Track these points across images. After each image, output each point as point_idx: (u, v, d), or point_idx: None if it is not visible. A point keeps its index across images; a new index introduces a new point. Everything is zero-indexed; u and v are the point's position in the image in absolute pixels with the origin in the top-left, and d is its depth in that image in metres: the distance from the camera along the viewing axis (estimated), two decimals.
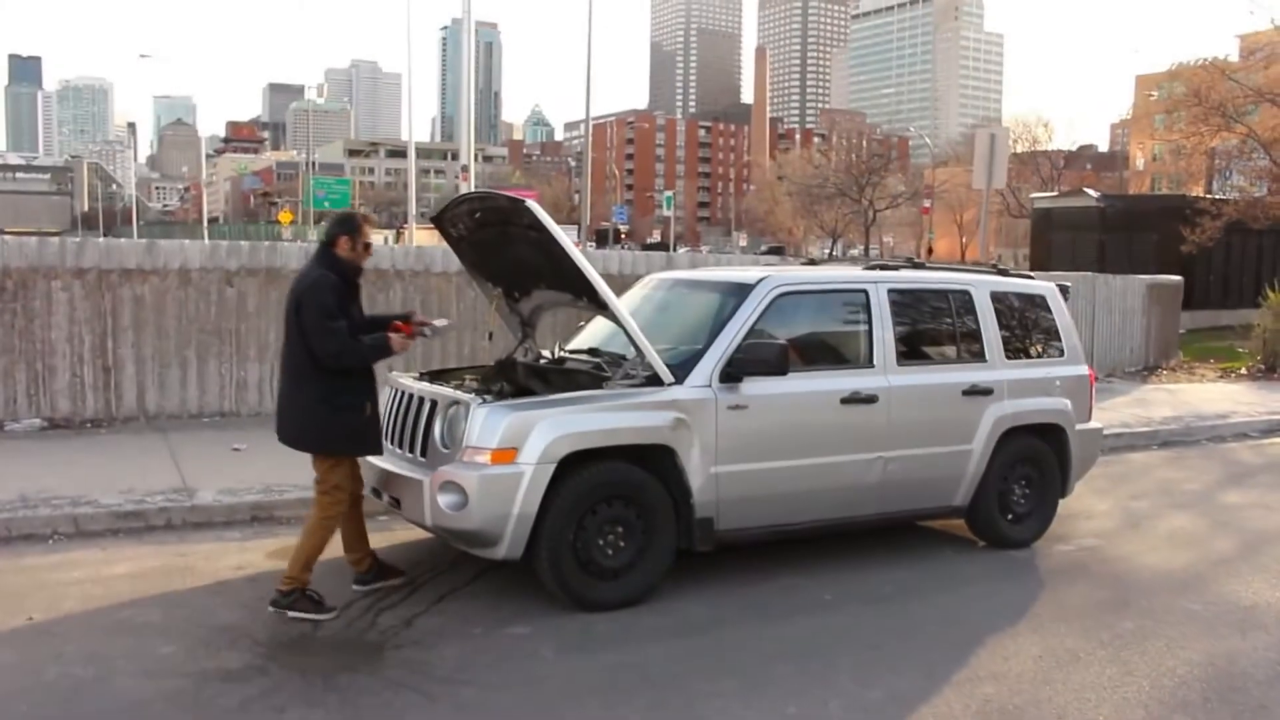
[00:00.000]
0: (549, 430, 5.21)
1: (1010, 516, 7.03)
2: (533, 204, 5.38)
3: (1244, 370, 17.32)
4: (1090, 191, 34.55)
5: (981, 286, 7.06)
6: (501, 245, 6.02)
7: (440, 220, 6.43)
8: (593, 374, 5.82)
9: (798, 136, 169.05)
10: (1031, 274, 7.73)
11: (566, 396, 5.43)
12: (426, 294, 10.21)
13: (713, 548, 5.79)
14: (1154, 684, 4.79)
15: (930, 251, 73.71)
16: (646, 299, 6.84)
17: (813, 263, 7.77)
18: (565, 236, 5.42)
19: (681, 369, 5.71)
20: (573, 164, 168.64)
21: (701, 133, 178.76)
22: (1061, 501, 7.33)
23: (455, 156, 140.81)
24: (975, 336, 6.92)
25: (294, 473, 7.59)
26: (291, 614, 5.17)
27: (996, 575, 6.46)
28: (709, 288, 6.55)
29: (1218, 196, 27.44)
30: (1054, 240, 29.14)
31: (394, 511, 5.69)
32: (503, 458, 5.15)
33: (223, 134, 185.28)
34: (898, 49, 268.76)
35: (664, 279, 6.97)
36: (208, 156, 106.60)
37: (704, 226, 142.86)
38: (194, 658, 4.67)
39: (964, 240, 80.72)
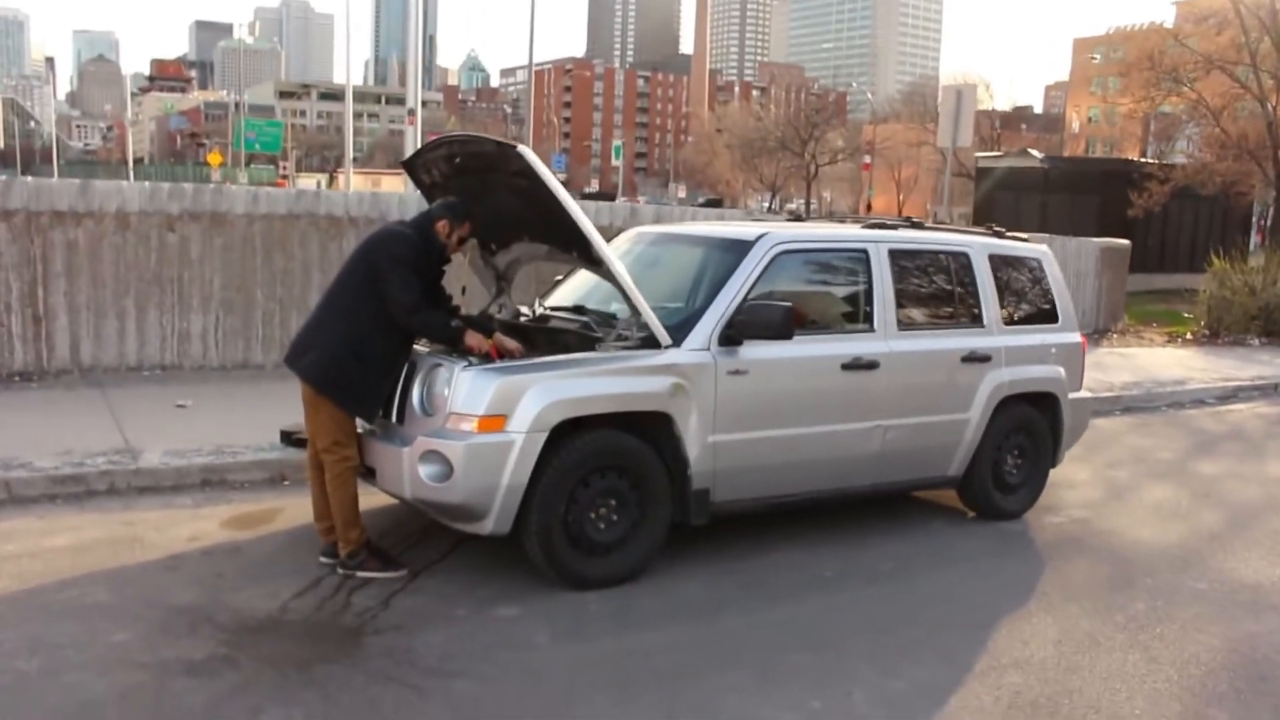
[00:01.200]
0: (541, 396, 4.79)
1: (1002, 487, 6.79)
2: (525, 149, 4.91)
3: (1189, 335, 17.40)
4: (1034, 153, 34.59)
5: (979, 249, 6.75)
6: (481, 193, 5.53)
7: (413, 165, 5.92)
8: (582, 334, 5.39)
9: (736, 89, 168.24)
10: (1024, 236, 7.45)
11: (558, 359, 5.00)
12: None
13: (708, 520, 5.44)
14: (1181, 673, 4.55)
15: (869, 208, 73.89)
16: (630, 254, 6.40)
17: (798, 218, 7.39)
18: (560, 186, 4.97)
19: (678, 331, 5.31)
20: (509, 110, 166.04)
21: (640, 83, 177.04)
22: None
23: (390, 100, 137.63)
24: (973, 301, 6.62)
25: (245, 432, 7.12)
26: (361, 574, 4.98)
27: (995, 550, 6.21)
28: (703, 244, 6.14)
29: (1164, 162, 27.57)
30: (997, 200, 29.16)
31: (367, 481, 5.22)
32: (491, 425, 4.72)
33: (147, 72, 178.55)
34: (838, 3, 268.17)
35: (650, 233, 6.53)
36: (132, 95, 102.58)
37: (641, 177, 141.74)
38: (151, 646, 4.19)
39: (901, 197, 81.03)
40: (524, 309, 6.19)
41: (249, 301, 9.30)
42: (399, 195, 10.45)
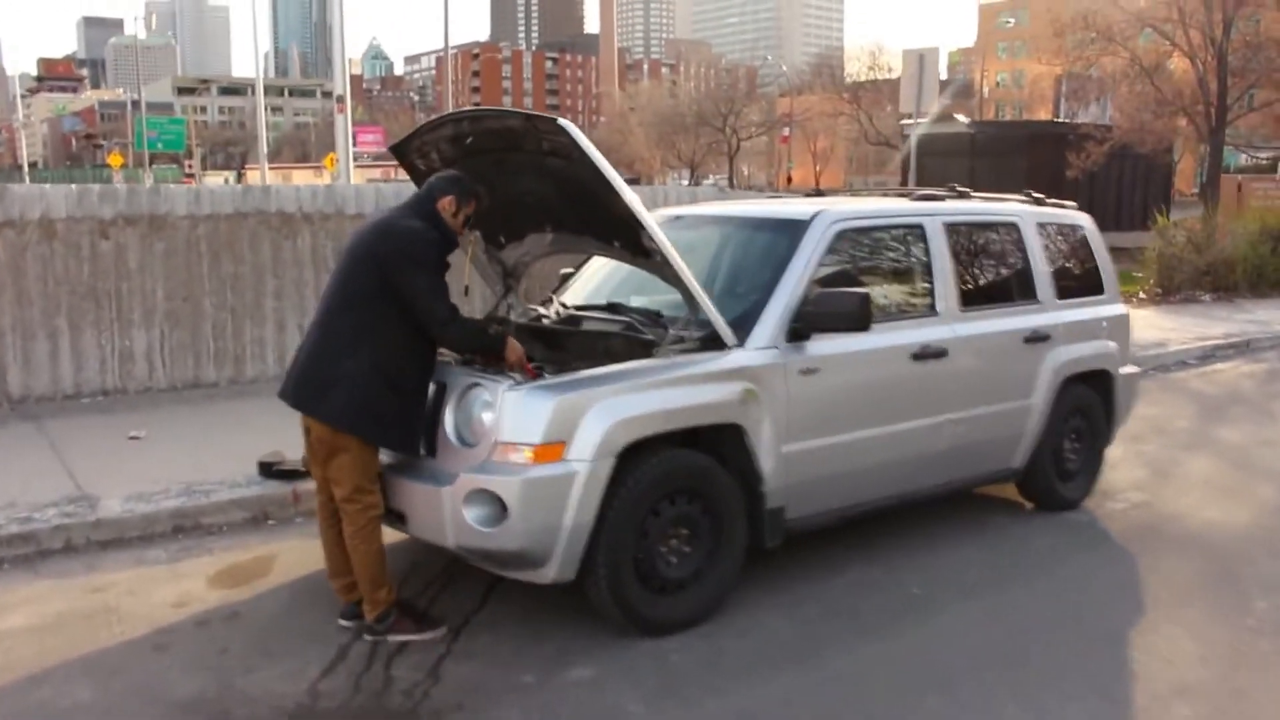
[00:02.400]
0: (605, 415, 4.03)
1: (1062, 475, 6.24)
2: (566, 123, 4.12)
3: (1142, 294, 17.21)
4: (961, 118, 34.61)
5: (1028, 218, 6.17)
6: (496, 178, 4.74)
7: (405, 149, 5.08)
8: (629, 337, 4.64)
9: (645, 67, 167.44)
10: (1065, 202, 6.88)
11: (617, 370, 4.24)
12: (340, 240, 8.71)
13: (781, 541, 4.76)
14: None
15: (790, 181, 73.81)
16: None
17: (820, 193, 6.71)
18: (609, 165, 4.20)
19: (738, 327, 4.60)
20: (415, 99, 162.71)
21: (549, 64, 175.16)
22: None
23: (294, 93, 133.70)
24: (1027, 275, 6.03)
25: (213, 464, 6.25)
26: (393, 638, 4.19)
27: (1075, 547, 5.64)
28: (749, 226, 5.42)
29: (1097, 124, 27.60)
30: (924, 166, 28.96)
31: (394, 527, 4.42)
32: (548, 455, 3.96)
33: (34, 72, 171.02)
34: None
35: (683, 215, 5.75)
36: (21, 97, 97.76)
37: None
38: None
39: (818, 168, 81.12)
40: (541, 309, 5.41)
41: (197, 312, 8.34)
42: (355, 187, 9.56)
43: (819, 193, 6.71)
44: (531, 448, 3.95)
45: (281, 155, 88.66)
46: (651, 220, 4.30)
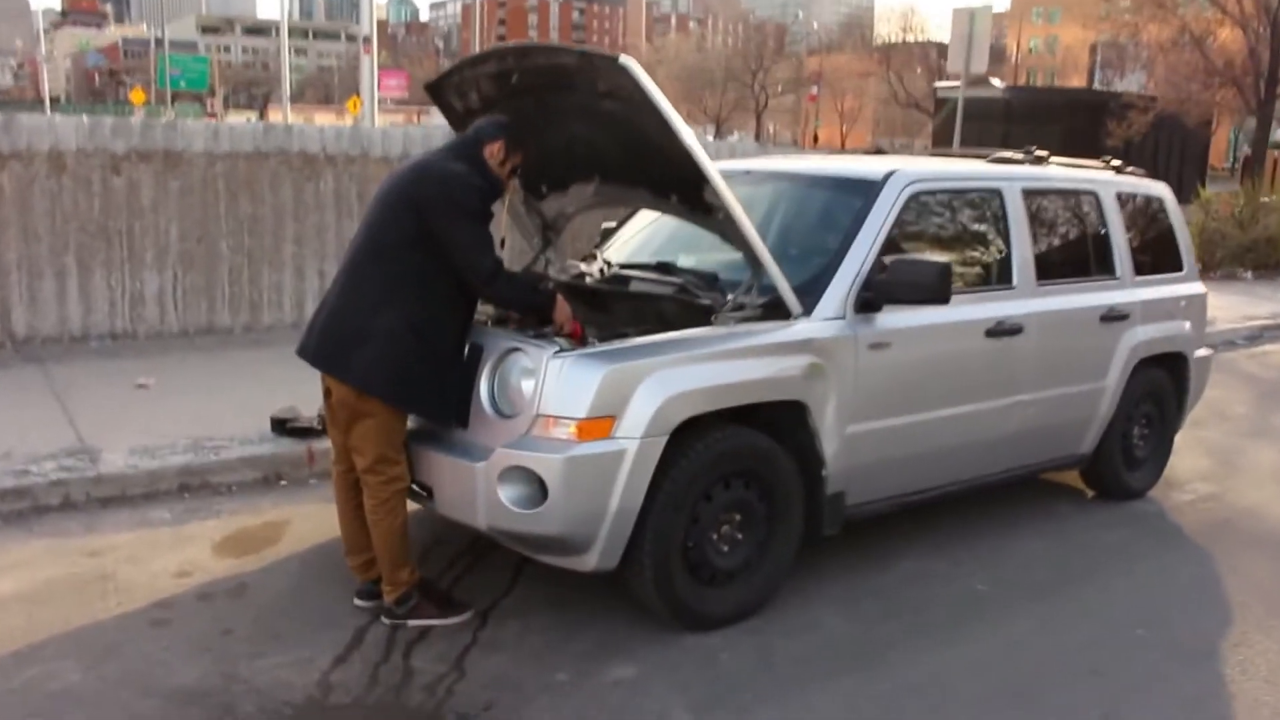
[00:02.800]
0: (659, 388, 3.62)
1: (1129, 463, 5.83)
2: (629, 61, 3.66)
3: None
4: (996, 82, 33.80)
5: (1107, 186, 5.70)
6: (542, 121, 4.30)
7: (441, 86, 4.62)
8: (684, 302, 4.21)
9: (673, 20, 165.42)
10: (1142, 171, 6.39)
11: (673, 338, 3.82)
12: (365, 183, 8.30)
13: (839, 530, 4.36)
14: None
15: (816, 139, 72.80)
16: None
17: (880, 151, 6.25)
18: (673, 109, 3.76)
19: (804, 295, 4.16)
20: (440, 45, 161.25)
21: (576, 14, 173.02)
22: None
23: (318, 35, 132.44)
24: (1106, 248, 5.58)
25: (224, 418, 5.89)
26: (413, 622, 3.82)
27: (1146, 541, 5.24)
28: (814, 184, 4.96)
29: (1139, 92, 26.87)
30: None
31: (420, 502, 4.04)
32: (595, 430, 3.55)
33: (59, 6, 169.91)
34: None
35: (741, 170, 5.27)
36: (44, 32, 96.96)
37: None
38: None
39: (845, 128, 80.00)
40: (583, 266, 4.97)
41: (212, 254, 7.93)
42: (382, 129, 9.10)
43: (878, 151, 6.23)
44: (576, 422, 3.53)
45: (305, 97, 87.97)
46: (717, 173, 3.86)
